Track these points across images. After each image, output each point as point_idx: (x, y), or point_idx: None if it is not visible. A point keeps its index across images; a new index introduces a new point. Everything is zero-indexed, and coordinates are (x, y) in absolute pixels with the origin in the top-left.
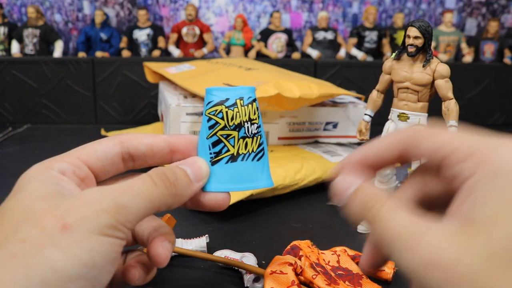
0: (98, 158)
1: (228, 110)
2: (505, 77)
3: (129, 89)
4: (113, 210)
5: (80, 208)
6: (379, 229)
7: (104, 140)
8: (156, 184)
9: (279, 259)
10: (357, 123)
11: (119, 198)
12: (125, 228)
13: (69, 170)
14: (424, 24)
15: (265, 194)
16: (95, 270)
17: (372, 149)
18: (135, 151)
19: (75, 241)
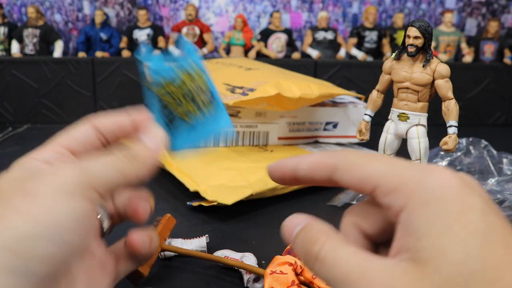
0: (78, 142)
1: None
2: (505, 77)
3: (129, 89)
4: (77, 174)
5: (44, 176)
6: (326, 266)
7: (78, 125)
8: (119, 158)
9: (279, 259)
10: (357, 123)
11: (87, 166)
12: (93, 191)
13: (54, 158)
14: (424, 24)
15: (265, 194)
16: (60, 231)
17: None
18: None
19: (37, 205)
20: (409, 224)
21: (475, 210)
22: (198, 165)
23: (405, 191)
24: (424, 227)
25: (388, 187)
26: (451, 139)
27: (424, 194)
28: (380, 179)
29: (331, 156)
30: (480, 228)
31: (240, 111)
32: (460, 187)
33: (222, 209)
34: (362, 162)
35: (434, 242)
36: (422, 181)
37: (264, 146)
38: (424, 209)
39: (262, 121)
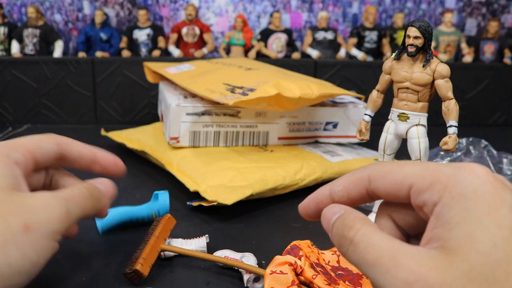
0: (42, 154)
1: None
2: (505, 77)
3: (129, 89)
4: (63, 218)
5: (40, 211)
6: (359, 250)
7: (44, 137)
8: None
9: (279, 259)
10: (357, 123)
11: (68, 206)
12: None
13: (22, 162)
14: (424, 24)
15: (265, 194)
16: (36, 269)
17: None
18: (68, 153)
19: (31, 242)
20: (442, 216)
21: (506, 206)
22: (198, 165)
23: (440, 186)
24: (456, 218)
25: (424, 184)
26: (451, 139)
27: (459, 188)
28: (415, 178)
29: (362, 171)
30: (509, 223)
31: (240, 111)
32: (492, 183)
33: (222, 209)
34: (395, 168)
35: (464, 232)
36: (456, 176)
37: (264, 146)
38: (458, 202)
39: (262, 121)
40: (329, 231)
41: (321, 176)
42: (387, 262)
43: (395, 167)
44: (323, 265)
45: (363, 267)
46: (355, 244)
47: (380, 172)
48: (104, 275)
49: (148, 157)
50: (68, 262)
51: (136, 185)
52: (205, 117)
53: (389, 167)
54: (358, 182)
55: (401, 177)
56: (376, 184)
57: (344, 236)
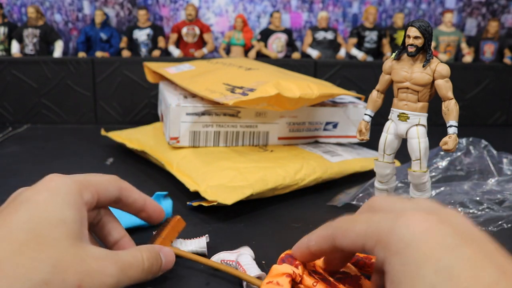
0: (106, 196)
1: None
2: (505, 77)
3: (129, 89)
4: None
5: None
6: None
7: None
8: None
9: (276, 269)
10: (357, 123)
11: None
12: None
13: (89, 202)
14: (424, 24)
15: (265, 194)
16: None
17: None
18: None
19: None
20: (389, 274)
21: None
22: (198, 165)
23: (381, 245)
24: (398, 276)
25: (370, 244)
26: (451, 139)
27: (395, 244)
28: (364, 238)
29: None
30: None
31: (240, 111)
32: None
33: (222, 209)
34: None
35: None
36: (392, 232)
37: (264, 146)
38: (397, 259)
39: (262, 121)
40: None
41: (321, 176)
42: None
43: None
44: (320, 272)
45: None
46: None
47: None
48: None
49: (148, 157)
50: None
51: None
52: (205, 117)
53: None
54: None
55: (355, 237)
56: (339, 241)
57: None
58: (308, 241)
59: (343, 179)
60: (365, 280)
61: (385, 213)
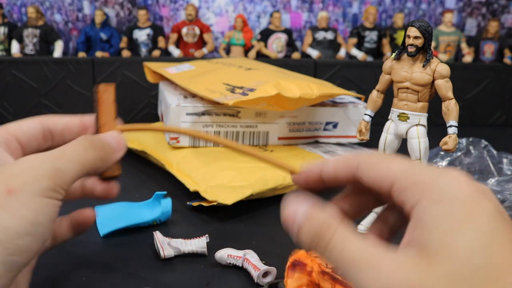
0: (23, 132)
1: None
2: (505, 77)
3: (129, 89)
4: (52, 175)
5: (22, 173)
6: (335, 252)
7: (26, 119)
8: (86, 149)
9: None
10: (357, 123)
11: (57, 164)
12: (62, 189)
13: (2, 141)
14: (424, 24)
15: (265, 194)
16: (40, 228)
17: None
18: (54, 127)
19: (21, 203)
20: (421, 218)
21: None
22: (198, 165)
23: (420, 187)
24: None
25: (405, 183)
26: (451, 139)
27: (438, 192)
28: (399, 175)
29: (355, 156)
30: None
31: (240, 111)
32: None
33: (222, 209)
34: (383, 161)
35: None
36: (437, 180)
37: (264, 146)
38: (437, 206)
39: (262, 121)
40: (293, 233)
41: None
42: (364, 265)
43: (383, 160)
44: (327, 271)
45: (340, 268)
46: (331, 247)
47: (368, 162)
48: (104, 275)
49: (148, 157)
50: (68, 262)
51: (136, 185)
52: (205, 117)
53: (377, 159)
54: (348, 167)
55: (386, 172)
56: (363, 172)
57: (317, 243)
58: (323, 165)
59: None
60: None
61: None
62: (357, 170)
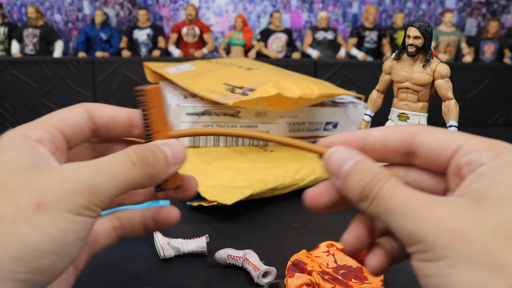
0: (70, 125)
1: None
2: (505, 77)
3: (129, 89)
4: (88, 192)
5: (55, 187)
6: (383, 204)
7: (72, 107)
8: (135, 165)
9: (293, 283)
10: (357, 123)
11: (95, 180)
12: (97, 207)
13: (46, 138)
14: (424, 24)
15: (265, 194)
16: (68, 247)
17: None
18: (99, 120)
19: (48, 219)
20: (485, 174)
21: None
22: (198, 165)
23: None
24: (499, 178)
25: (476, 147)
26: None
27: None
28: (468, 140)
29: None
30: None
31: (240, 111)
32: None
33: (222, 209)
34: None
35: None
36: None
37: (264, 146)
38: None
39: (262, 121)
40: (337, 176)
41: (321, 176)
42: (414, 207)
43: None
44: (327, 271)
45: (386, 217)
46: (381, 196)
47: (428, 129)
48: (104, 275)
49: None
50: None
51: None
52: (205, 117)
53: (438, 129)
54: (402, 133)
55: (452, 138)
56: (422, 138)
57: (369, 189)
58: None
59: None
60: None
61: None
62: (415, 136)
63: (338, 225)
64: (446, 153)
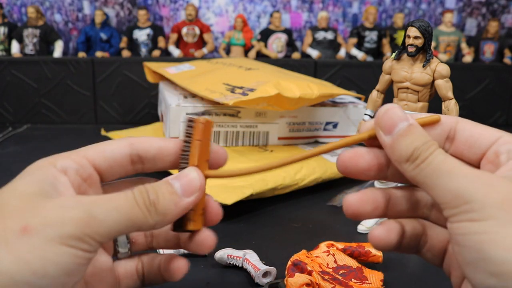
0: (105, 158)
1: None
2: (505, 77)
3: (129, 89)
4: (82, 221)
5: (47, 212)
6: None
7: (113, 140)
8: (137, 202)
9: (293, 282)
10: (357, 123)
11: (92, 209)
12: (92, 241)
13: (72, 168)
14: (424, 24)
15: (265, 194)
16: (45, 280)
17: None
18: (145, 153)
19: (30, 246)
20: None
21: None
22: None
23: None
24: None
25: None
26: None
27: None
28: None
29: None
30: None
31: (240, 111)
32: None
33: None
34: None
35: None
36: None
37: (264, 146)
38: None
39: (262, 121)
40: (388, 132)
41: (321, 176)
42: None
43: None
44: (328, 271)
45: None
46: (431, 159)
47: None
48: None
49: None
50: None
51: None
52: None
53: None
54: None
55: (492, 130)
56: (463, 125)
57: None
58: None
59: (343, 179)
60: (367, 270)
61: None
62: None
63: (337, 225)
64: (485, 141)
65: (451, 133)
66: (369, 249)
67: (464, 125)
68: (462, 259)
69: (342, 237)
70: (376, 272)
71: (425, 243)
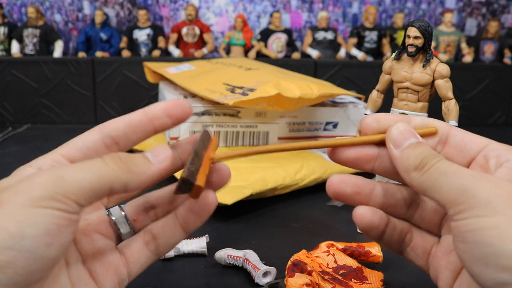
0: (78, 149)
1: None
2: (505, 77)
3: (129, 89)
4: (49, 182)
5: (17, 184)
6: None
7: (85, 132)
8: (106, 162)
9: (293, 282)
10: (357, 123)
11: (60, 172)
12: (67, 199)
13: (47, 164)
14: (424, 24)
15: (265, 194)
16: (26, 241)
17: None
18: (115, 131)
19: (4, 215)
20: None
21: None
22: None
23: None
24: None
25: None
26: None
27: None
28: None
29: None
30: None
31: (240, 111)
32: None
33: (222, 209)
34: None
35: None
36: None
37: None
38: None
39: (262, 121)
40: (398, 145)
41: (321, 176)
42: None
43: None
44: (328, 271)
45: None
46: (439, 164)
47: (459, 129)
48: None
49: None
50: None
51: None
52: (205, 117)
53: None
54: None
55: (481, 138)
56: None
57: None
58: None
59: None
60: (367, 270)
61: None
62: (450, 130)
63: (337, 225)
64: (475, 146)
65: (444, 136)
66: (369, 249)
67: (456, 131)
68: (470, 256)
69: (342, 237)
70: (376, 272)
71: (410, 242)
